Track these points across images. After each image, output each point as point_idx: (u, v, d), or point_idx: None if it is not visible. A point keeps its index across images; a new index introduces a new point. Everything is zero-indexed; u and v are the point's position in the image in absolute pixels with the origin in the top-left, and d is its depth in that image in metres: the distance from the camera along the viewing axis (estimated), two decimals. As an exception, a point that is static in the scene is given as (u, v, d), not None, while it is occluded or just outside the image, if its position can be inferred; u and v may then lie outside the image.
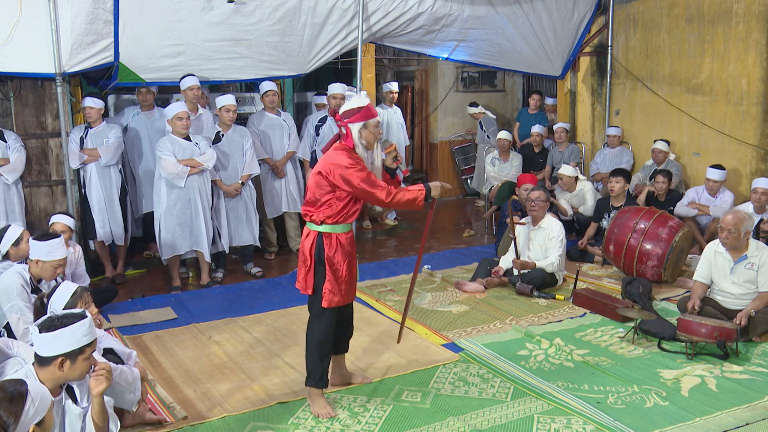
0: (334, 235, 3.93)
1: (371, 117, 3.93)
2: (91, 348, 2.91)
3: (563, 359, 4.69)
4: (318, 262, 3.93)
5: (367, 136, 3.93)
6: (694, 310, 4.94)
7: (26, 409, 2.32)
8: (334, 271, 3.92)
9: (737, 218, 4.97)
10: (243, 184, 6.63)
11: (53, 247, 4.32)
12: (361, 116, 3.91)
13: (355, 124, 3.91)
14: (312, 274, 3.95)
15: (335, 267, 3.93)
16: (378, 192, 3.83)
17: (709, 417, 3.87)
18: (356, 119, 3.90)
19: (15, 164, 6.05)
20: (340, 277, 3.96)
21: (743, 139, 7.47)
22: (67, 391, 2.97)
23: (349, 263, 4.00)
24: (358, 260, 7.31)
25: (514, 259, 6.21)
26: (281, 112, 7.30)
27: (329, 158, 3.90)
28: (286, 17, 6.89)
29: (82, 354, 2.86)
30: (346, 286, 4.01)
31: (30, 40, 5.81)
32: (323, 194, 3.90)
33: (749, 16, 7.28)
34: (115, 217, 6.49)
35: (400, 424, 3.86)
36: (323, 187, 3.89)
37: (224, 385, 4.38)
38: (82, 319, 2.88)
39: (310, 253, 3.94)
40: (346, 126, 3.92)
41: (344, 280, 3.98)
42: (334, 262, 3.93)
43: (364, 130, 3.92)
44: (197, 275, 6.67)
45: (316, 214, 3.92)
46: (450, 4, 7.72)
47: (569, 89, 9.57)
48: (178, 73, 6.59)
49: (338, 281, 3.95)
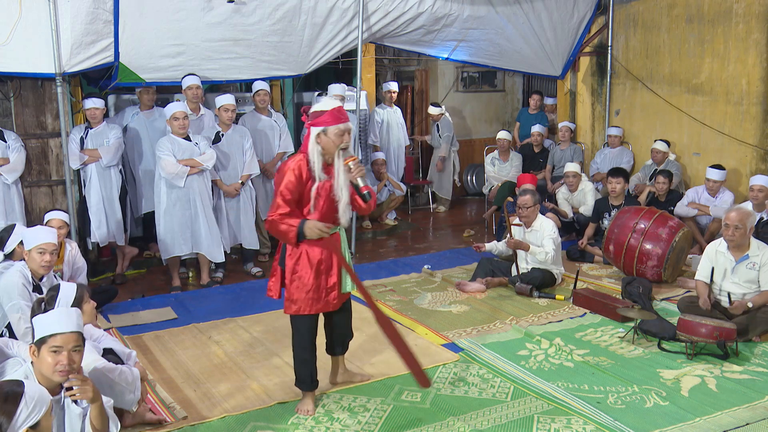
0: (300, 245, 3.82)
1: (336, 123, 3.67)
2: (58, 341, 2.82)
3: (563, 359, 4.69)
4: (282, 268, 3.92)
5: (325, 142, 3.70)
6: (707, 307, 4.94)
7: (19, 410, 2.32)
8: (292, 280, 3.86)
9: (741, 214, 4.98)
10: (243, 184, 6.63)
11: (38, 232, 4.36)
12: (323, 120, 3.68)
13: (316, 127, 3.70)
14: (277, 279, 3.96)
15: (295, 276, 3.85)
16: (270, 210, 3.76)
17: (709, 417, 3.87)
18: (319, 123, 3.69)
19: (15, 164, 6.05)
20: (304, 285, 3.84)
21: (743, 139, 7.47)
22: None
23: (317, 272, 3.85)
24: (358, 260, 7.39)
25: (508, 239, 6.20)
26: (272, 112, 7.27)
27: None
28: (286, 17, 6.89)
29: (45, 344, 2.82)
30: (312, 294, 3.86)
31: (30, 40, 5.81)
32: None
33: (749, 16, 7.28)
34: (115, 217, 6.49)
35: (400, 424, 3.85)
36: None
37: (224, 385, 4.38)
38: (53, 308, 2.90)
39: (276, 259, 3.97)
40: (308, 127, 3.77)
41: (310, 288, 3.84)
42: (293, 270, 3.85)
43: (323, 135, 3.70)
44: (197, 275, 6.67)
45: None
46: (450, 4, 7.72)
47: (569, 89, 9.57)
48: (178, 73, 6.59)
49: (300, 289, 3.84)
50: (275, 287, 3.98)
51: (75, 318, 2.95)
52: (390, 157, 9.13)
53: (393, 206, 9.03)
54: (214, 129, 6.62)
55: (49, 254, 4.35)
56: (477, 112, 11.59)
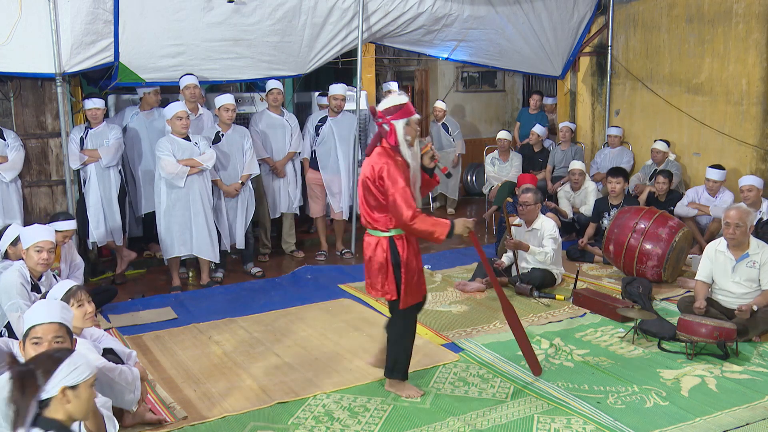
0: (404, 235, 3.98)
1: (413, 114, 3.97)
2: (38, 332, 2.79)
3: (563, 359, 4.69)
4: (396, 265, 3.96)
5: (410, 132, 3.96)
6: (700, 311, 4.94)
7: (60, 369, 2.37)
8: (408, 272, 3.97)
9: (741, 212, 4.98)
10: (243, 184, 6.63)
11: (35, 231, 4.38)
12: (403, 113, 3.93)
13: (399, 120, 3.92)
14: (393, 279, 3.98)
15: (410, 267, 3.98)
16: (405, 210, 3.80)
17: (709, 417, 3.87)
18: (399, 116, 3.92)
19: (13, 163, 6.03)
20: (414, 276, 4.00)
21: (743, 139, 7.47)
22: None
23: (418, 261, 4.06)
24: (358, 260, 7.39)
25: (507, 239, 6.20)
26: (285, 111, 7.29)
27: (375, 161, 3.91)
28: (286, 17, 6.89)
29: (27, 337, 2.81)
30: (418, 285, 4.06)
31: (30, 40, 5.81)
32: (376, 200, 3.93)
33: (749, 16, 7.28)
34: (114, 217, 6.49)
35: (400, 424, 3.85)
36: (372, 192, 3.93)
37: (224, 385, 4.38)
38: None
39: (386, 260, 3.97)
40: (389, 123, 3.93)
41: (418, 279, 4.04)
42: (408, 263, 3.97)
43: (407, 126, 3.94)
44: (197, 275, 6.67)
45: (381, 222, 3.96)
46: (450, 4, 7.72)
47: (569, 89, 9.57)
48: (178, 73, 6.59)
49: (413, 282, 4.00)
50: (391, 288, 3.99)
51: (56, 309, 2.89)
52: (390, 157, 9.11)
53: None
54: (213, 129, 6.62)
55: (46, 252, 4.35)
56: (477, 112, 11.59)
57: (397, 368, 4.14)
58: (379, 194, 3.90)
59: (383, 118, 3.95)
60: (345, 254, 7.54)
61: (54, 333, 2.83)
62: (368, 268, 4.08)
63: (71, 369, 2.39)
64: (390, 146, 3.94)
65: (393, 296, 4.01)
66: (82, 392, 2.41)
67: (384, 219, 3.95)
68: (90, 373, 2.44)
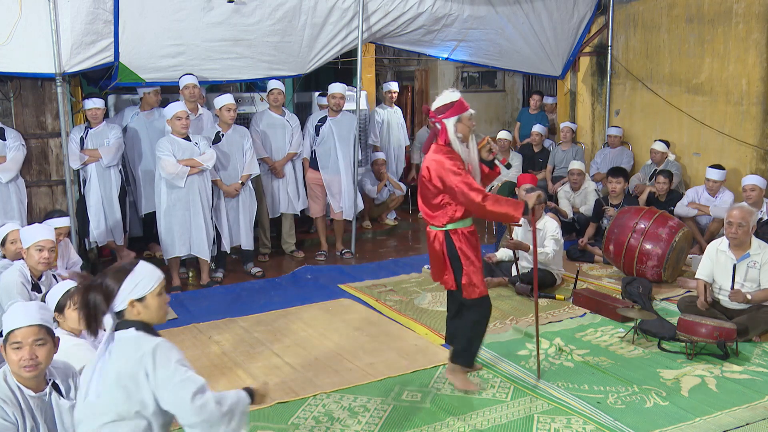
0: (459, 230, 4.07)
1: (464, 110, 4.04)
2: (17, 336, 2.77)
3: (563, 359, 4.69)
4: (452, 258, 4.06)
5: (462, 129, 4.02)
6: (704, 305, 4.94)
7: (128, 279, 2.55)
8: (468, 263, 4.05)
9: (744, 211, 4.99)
10: (243, 184, 6.63)
11: (36, 230, 4.40)
12: (454, 110, 4.02)
13: (450, 119, 4.01)
14: (451, 271, 4.10)
15: (468, 259, 4.05)
16: (474, 195, 3.88)
17: (709, 417, 3.87)
18: (450, 114, 4.02)
19: (9, 164, 5.99)
20: (474, 268, 4.08)
21: (743, 139, 7.47)
22: (53, 387, 2.92)
23: (477, 253, 4.13)
24: (358, 260, 7.39)
25: (507, 239, 6.20)
26: (286, 111, 7.29)
27: (430, 159, 4.03)
28: (286, 17, 6.89)
29: (7, 342, 2.78)
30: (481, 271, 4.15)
31: (30, 40, 5.82)
32: (432, 197, 4.04)
33: (749, 16, 7.28)
34: (114, 217, 6.49)
35: (400, 424, 3.85)
36: (430, 190, 4.02)
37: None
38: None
39: (443, 253, 4.09)
40: (440, 122, 4.02)
41: (478, 270, 4.11)
42: (467, 255, 4.05)
43: (458, 124, 4.01)
44: (197, 275, 6.67)
45: (437, 218, 4.07)
46: (450, 4, 7.72)
47: (569, 89, 9.57)
48: (178, 73, 6.59)
49: (475, 272, 4.08)
50: (450, 278, 4.12)
51: (34, 311, 2.85)
52: (390, 157, 9.13)
53: (393, 206, 9.03)
54: (213, 129, 6.62)
55: (47, 251, 4.36)
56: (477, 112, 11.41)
57: (462, 354, 4.22)
58: (438, 191, 4.00)
59: (435, 117, 4.04)
60: (345, 254, 7.54)
61: (34, 336, 2.78)
62: (431, 257, 4.25)
63: (134, 284, 2.56)
64: (444, 143, 4.03)
65: (452, 286, 4.15)
66: (150, 302, 2.59)
67: (440, 215, 4.07)
68: (154, 284, 2.60)
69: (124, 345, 2.52)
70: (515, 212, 3.91)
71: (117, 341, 2.54)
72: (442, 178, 3.95)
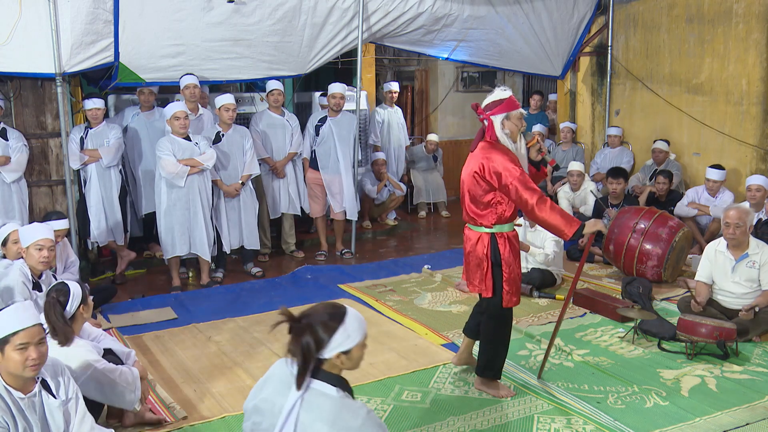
0: (506, 234, 3.99)
1: (514, 108, 3.95)
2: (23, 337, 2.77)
3: (563, 359, 4.69)
4: (495, 264, 3.97)
5: (510, 127, 3.95)
6: (696, 307, 4.94)
7: (340, 331, 2.41)
8: (510, 270, 3.97)
9: (741, 212, 4.98)
10: (243, 184, 6.63)
11: (35, 229, 4.41)
12: (503, 108, 3.94)
13: (498, 115, 3.94)
14: (490, 276, 3.98)
15: (511, 267, 3.97)
16: (528, 195, 3.78)
17: (709, 417, 3.87)
18: (498, 111, 3.94)
19: (15, 165, 6.00)
20: (515, 276, 4.00)
21: (743, 139, 7.47)
22: (42, 385, 2.93)
23: (518, 261, 4.05)
24: (358, 260, 7.39)
25: None
26: (285, 111, 7.29)
27: (481, 155, 3.91)
28: (286, 17, 6.89)
29: (8, 343, 2.77)
30: (519, 284, 4.05)
31: (30, 40, 5.81)
32: (483, 195, 3.93)
33: (749, 16, 7.28)
34: (114, 217, 6.48)
35: (400, 424, 3.85)
36: (481, 186, 3.92)
37: (224, 385, 4.38)
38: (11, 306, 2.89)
39: (486, 256, 3.97)
40: (488, 118, 3.96)
41: (518, 277, 4.03)
42: (510, 262, 3.97)
43: (506, 121, 3.94)
44: (197, 275, 6.67)
45: (486, 217, 3.96)
46: (450, 4, 7.72)
47: (569, 89, 9.57)
48: (178, 73, 6.58)
49: (514, 280, 4.00)
50: (488, 285, 4.00)
51: (31, 311, 2.87)
52: (390, 157, 9.14)
53: (393, 206, 9.03)
54: (213, 129, 6.62)
55: (47, 250, 4.37)
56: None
57: (489, 366, 4.15)
58: (490, 188, 3.89)
59: (483, 113, 3.98)
60: (345, 254, 7.54)
61: (38, 335, 2.82)
62: (467, 263, 4.10)
63: (346, 336, 2.42)
64: (491, 140, 3.97)
65: (489, 294, 4.00)
66: (355, 354, 2.48)
67: (489, 214, 3.94)
68: (361, 336, 2.47)
69: (327, 404, 2.39)
70: (566, 229, 3.75)
71: (316, 393, 2.41)
72: (499, 174, 3.83)
